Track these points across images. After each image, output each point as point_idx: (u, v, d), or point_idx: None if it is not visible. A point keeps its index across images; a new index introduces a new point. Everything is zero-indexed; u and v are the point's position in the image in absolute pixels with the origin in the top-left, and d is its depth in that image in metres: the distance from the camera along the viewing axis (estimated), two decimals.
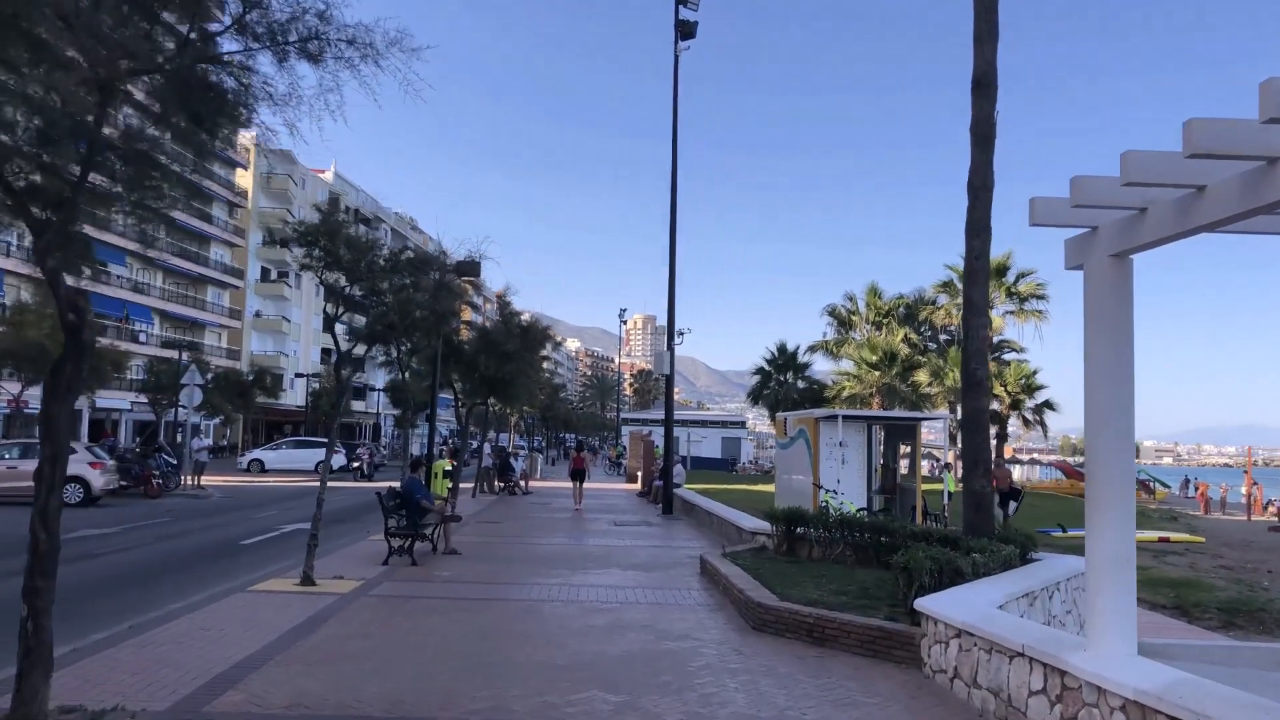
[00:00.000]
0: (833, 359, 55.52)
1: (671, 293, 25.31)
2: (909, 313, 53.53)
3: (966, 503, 12.06)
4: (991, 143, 12.25)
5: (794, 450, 26.30)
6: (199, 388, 31.10)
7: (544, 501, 29.82)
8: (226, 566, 14.49)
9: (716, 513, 20.11)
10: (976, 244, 12.15)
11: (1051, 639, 6.43)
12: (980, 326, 12.28)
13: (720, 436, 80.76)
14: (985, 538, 11.37)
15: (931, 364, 45.48)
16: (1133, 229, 5.80)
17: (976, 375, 12.11)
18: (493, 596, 11.71)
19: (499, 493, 32.28)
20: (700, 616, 10.66)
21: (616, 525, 22.18)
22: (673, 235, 25.43)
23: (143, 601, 11.16)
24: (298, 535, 19.37)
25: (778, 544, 14.99)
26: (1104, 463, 6.01)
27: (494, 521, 22.22)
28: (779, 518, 15.09)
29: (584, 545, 17.80)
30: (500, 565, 14.62)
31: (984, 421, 12.24)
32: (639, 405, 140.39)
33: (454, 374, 24.92)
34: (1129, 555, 5.93)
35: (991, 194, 12.24)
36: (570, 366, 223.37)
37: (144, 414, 51.87)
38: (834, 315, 56.04)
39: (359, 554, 15.37)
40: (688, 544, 18.50)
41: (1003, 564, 10.59)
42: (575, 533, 20.26)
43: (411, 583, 12.61)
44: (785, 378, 61.80)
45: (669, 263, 25.35)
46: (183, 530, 20.10)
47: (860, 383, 46.35)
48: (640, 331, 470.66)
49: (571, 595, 11.84)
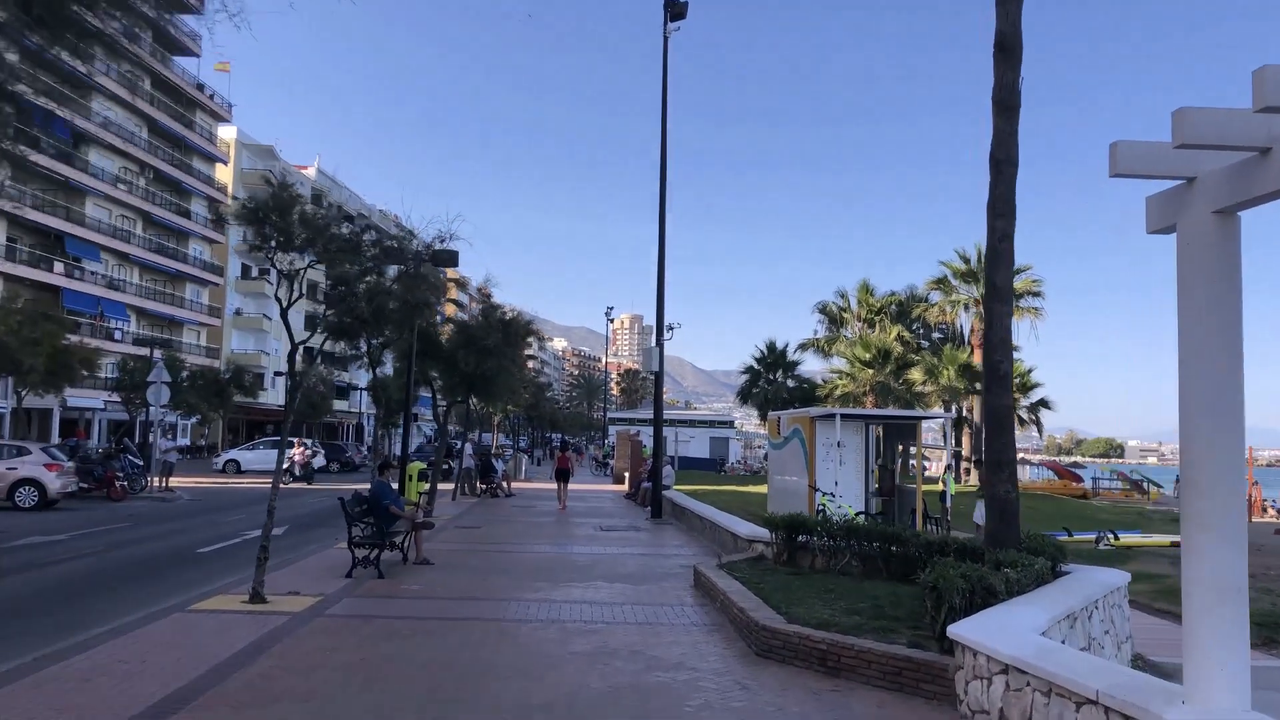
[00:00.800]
0: (824, 357, 54.60)
1: (660, 284, 24.13)
2: (901, 310, 52.61)
3: (990, 510, 10.90)
4: (1016, 112, 11.09)
5: (788, 451, 25.15)
6: (167, 385, 29.71)
7: (527, 504, 28.58)
8: (174, 580, 13.21)
9: (709, 517, 18.88)
10: (1000, 224, 10.99)
11: (1137, 686, 5.25)
12: (1004, 314, 11.12)
13: (708, 436, 79.62)
14: (1012, 548, 10.24)
15: (925, 362, 44.53)
16: (1248, 177, 4.63)
17: (1000, 368, 10.95)
18: (463, 615, 10.48)
19: (481, 495, 31.03)
20: (696, 639, 9.46)
21: (603, 530, 20.97)
22: (662, 220, 24.24)
23: (72, 622, 9.91)
24: None
25: (777, 553, 13.81)
26: (1206, 470, 4.83)
27: (473, 526, 20.98)
28: (779, 524, 13.88)
29: (568, 553, 16.57)
30: (475, 577, 13.39)
31: (1008, 419, 11.08)
32: (626, 405, 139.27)
33: (432, 371, 23.67)
34: (1239, 584, 4.77)
35: (1016, 169, 11.09)
36: (557, 366, 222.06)
37: (118, 413, 50.39)
38: (825, 312, 55.10)
39: (323, 564, 14.13)
40: (679, 552, 17.31)
41: (1035, 579, 9.45)
42: (559, 539, 19.05)
43: (374, 599, 11.37)
44: (775, 376, 60.80)
45: (658, 251, 24.17)
46: (139, 537, 18.80)
47: (853, 381, 45.33)
48: (627, 331, 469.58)
49: (552, 614, 10.63)
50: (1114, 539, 22.59)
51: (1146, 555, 20.62)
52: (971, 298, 47.30)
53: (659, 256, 24.17)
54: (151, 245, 62.05)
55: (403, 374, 24.84)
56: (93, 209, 56.00)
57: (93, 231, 55.32)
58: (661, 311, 24.08)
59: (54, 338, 32.07)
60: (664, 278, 24.14)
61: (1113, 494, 60.55)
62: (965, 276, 46.94)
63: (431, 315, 19.50)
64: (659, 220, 24.01)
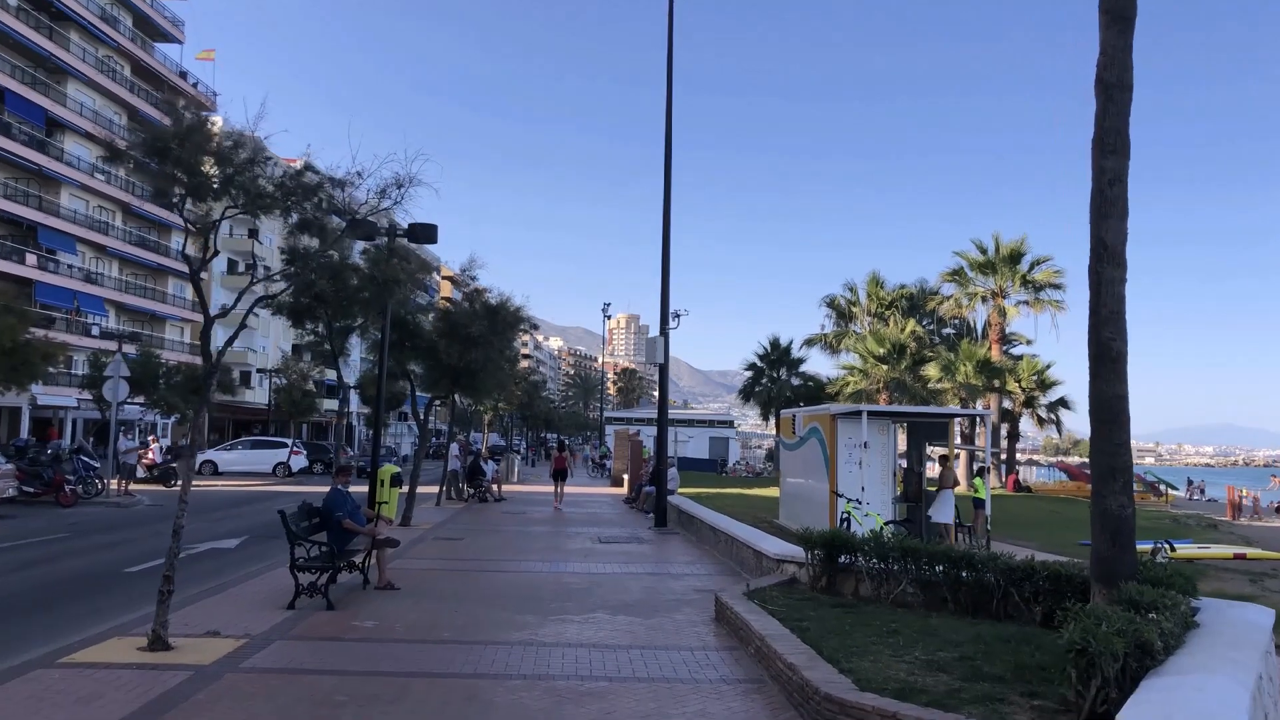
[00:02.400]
0: (831, 353, 52.32)
1: (665, 263, 21.71)
2: (912, 304, 50.29)
3: (1100, 529, 8.45)
4: (1131, 23, 8.69)
5: (804, 452, 22.78)
6: (126, 381, 27.29)
7: (518, 510, 26.18)
8: (72, 611, 10.77)
9: (725, 530, 16.40)
10: (1111, 163, 8.57)
11: None
12: (1117, 280, 8.66)
13: (708, 436, 77.24)
14: (1132, 579, 7.88)
15: (942, 358, 42.13)
16: None
17: (1112, 347, 8.51)
18: (423, 669, 8.05)
19: (468, 500, 28.62)
20: (731, 708, 7.06)
21: (601, 543, 18.57)
22: (667, 191, 21.83)
23: None
24: (210, 558, 15.74)
25: (814, 577, 11.44)
26: None
27: (454, 538, 18.57)
28: (815, 542, 11.50)
29: (560, 573, 14.15)
30: (447, 607, 10.96)
31: (1123, 413, 8.63)
32: (623, 404, 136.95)
33: (412, 363, 21.29)
34: None
35: (1131, 94, 8.67)
36: (553, 365, 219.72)
37: (91, 412, 47.97)
38: (833, 306, 52.77)
39: (266, 589, 11.70)
40: (690, 571, 14.91)
41: (1183, 624, 7.10)
42: (551, 553, 16.65)
43: (312, 644, 8.93)
44: (779, 374, 58.52)
45: (662, 228, 21.74)
46: (68, 550, 16.41)
47: (866, 377, 42.91)
48: (624, 331, 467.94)
49: (539, 665, 8.22)
50: (1171, 550, 20.20)
51: (1213, 570, 18.26)
52: (989, 290, 44.90)
53: (664, 232, 21.77)
54: (131, 238, 59.53)
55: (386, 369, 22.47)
56: (68, 199, 53.50)
57: (68, 222, 52.81)
58: (666, 295, 21.70)
59: (12, 331, 29.65)
60: (669, 254, 21.74)
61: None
62: (983, 268, 44.51)
63: (405, 296, 17.08)
64: (664, 190, 21.60)
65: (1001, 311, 44.02)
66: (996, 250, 44.31)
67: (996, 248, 44.40)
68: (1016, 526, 24.79)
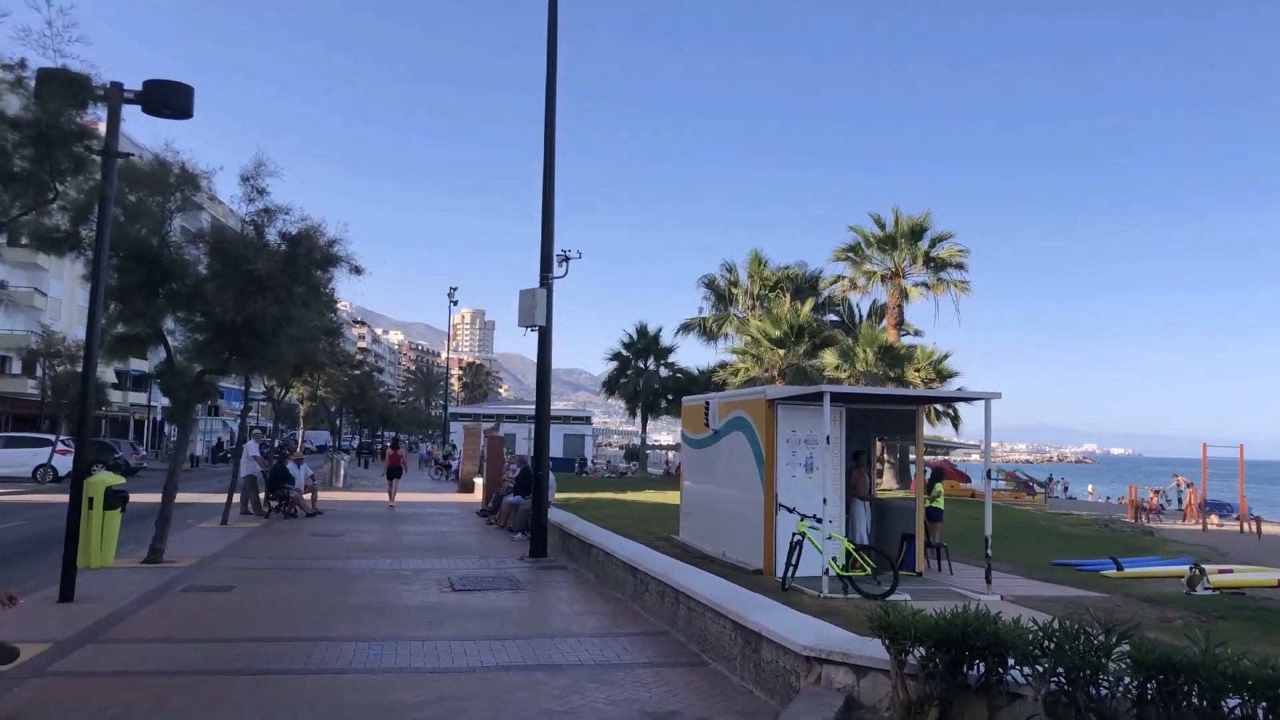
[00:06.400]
0: (709, 340, 46.94)
1: (548, 190, 15.39)
2: (797, 288, 45.46)
3: None
4: None
5: (721, 450, 16.84)
6: None
7: (335, 531, 19.24)
8: None
9: (669, 581, 9.75)
10: None
11: None
12: None
13: (562, 433, 71.08)
14: None
15: (840, 343, 37.27)
16: None
17: None
18: None
19: (269, 514, 21.46)
20: None
21: (455, 590, 12.09)
22: (549, 107, 15.59)
23: None
24: None
25: (909, 703, 5.47)
26: None
27: (217, 587, 11.72)
28: (915, 635, 5.50)
29: (383, 683, 7.65)
30: None
31: None
32: (468, 400, 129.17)
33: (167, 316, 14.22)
34: None
35: None
36: (393, 360, 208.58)
37: None
38: (711, 288, 47.40)
39: None
40: (618, 658, 8.59)
41: None
42: (367, 619, 10.02)
43: None
44: (646, 364, 52.85)
45: (544, 149, 15.48)
46: None
47: (759, 363, 37.53)
48: (469, 326, 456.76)
49: None
50: (1209, 579, 15.30)
51: (1269, 607, 13.08)
52: (888, 270, 40.34)
53: (546, 151, 15.48)
54: None
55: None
56: None
57: None
58: (550, 228, 15.36)
59: None
60: (552, 180, 15.45)
61: (1002, 495, 55.47)
62: (882, 243, 39.93)
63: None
64: (546, 107, 15.38)
65: (903, 292, 39.53)
66: (896, 225, 39.79)
67: (896, 222, 39.88)
68: (952, 540, 18.99)
